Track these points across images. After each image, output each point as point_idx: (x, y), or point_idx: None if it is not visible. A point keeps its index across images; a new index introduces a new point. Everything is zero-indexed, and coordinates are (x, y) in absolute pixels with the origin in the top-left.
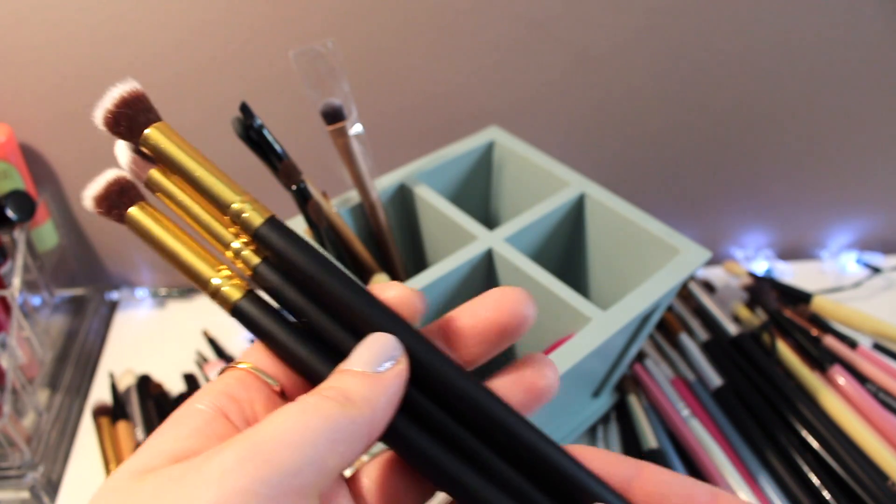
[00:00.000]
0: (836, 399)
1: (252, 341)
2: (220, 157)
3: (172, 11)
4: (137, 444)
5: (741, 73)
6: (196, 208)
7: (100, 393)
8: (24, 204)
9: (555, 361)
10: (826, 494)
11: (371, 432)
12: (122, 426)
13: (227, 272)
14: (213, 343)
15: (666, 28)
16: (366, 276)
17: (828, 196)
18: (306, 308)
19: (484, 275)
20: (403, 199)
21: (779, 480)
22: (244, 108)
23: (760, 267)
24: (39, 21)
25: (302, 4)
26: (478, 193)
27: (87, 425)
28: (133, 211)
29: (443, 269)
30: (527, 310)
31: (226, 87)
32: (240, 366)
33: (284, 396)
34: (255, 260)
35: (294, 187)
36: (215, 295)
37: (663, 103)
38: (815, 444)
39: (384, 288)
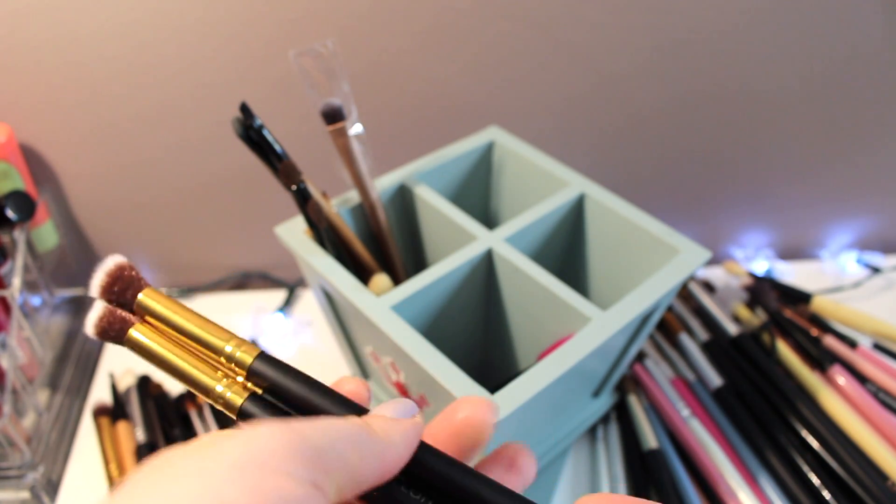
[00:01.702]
0: (836, 399)
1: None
2: (221, 157)
3: (172, 12)
4: (137, 445)
5: (741, 73)
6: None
7: (100, 393)
8: (24, 204)
9: (555, 361)
10: (826, 494)
11: (384, 458)
12: (122, 426)
13: (227, 381)
14: None
15: (666, 28)
16: (366, 276)
17: (828, 196)
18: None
19: (484, 275)
20: (403, 199)
21: (779, 480)
22: (244, 108)
23: (760, 267)
24: (39, 21)
25: (302, 4)
26: (478, 193)
27: (87, 425)
28: (134, 331)
29: (443, 269)
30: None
31: (226, 87)
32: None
33: None
34: (241, 397)
35: (294, 187)
36: (220, 401)
37: (663, 103)
38: (815, 444)
39: (341, 383)
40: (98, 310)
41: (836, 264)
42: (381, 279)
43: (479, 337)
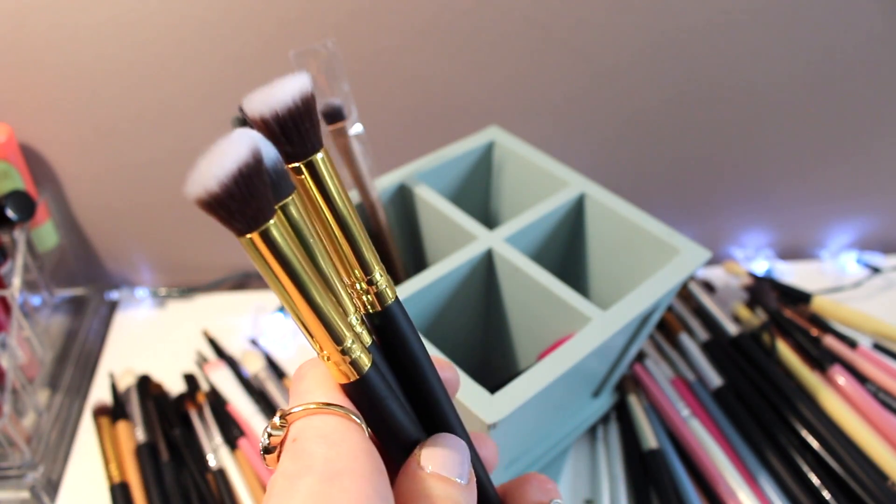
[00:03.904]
0: (836, 399)
1: (254, 343)
2: None
3: (173, 12)
4: (137, 444)
5: (741, 73)
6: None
7: (100, 393)
8: (24, 204)
9: (555, 361)
10: (826, 494)
11: None
12: (122, 426)
13: (356, 328)
14: (212, 343)
15: (666, 28)
16: None
17: (828, 196)
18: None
19: (484, 275)
20: (403, 199)
21: (779, 480)
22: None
23: (760, 267)
24: (39, 21)
25: (302, 4)
26: (478, 193)
27: (87, 425)
28: (274, 227)
29: (443, 269)
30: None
31: (226, 87)
32: (338, 410)
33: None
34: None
35: None
36: (342, 355)
37: (663, 103)
38: (815, 444)
39: (441, 367)
40: (244, 150)
41: (836, 264)
42: None
43: (479, 337)
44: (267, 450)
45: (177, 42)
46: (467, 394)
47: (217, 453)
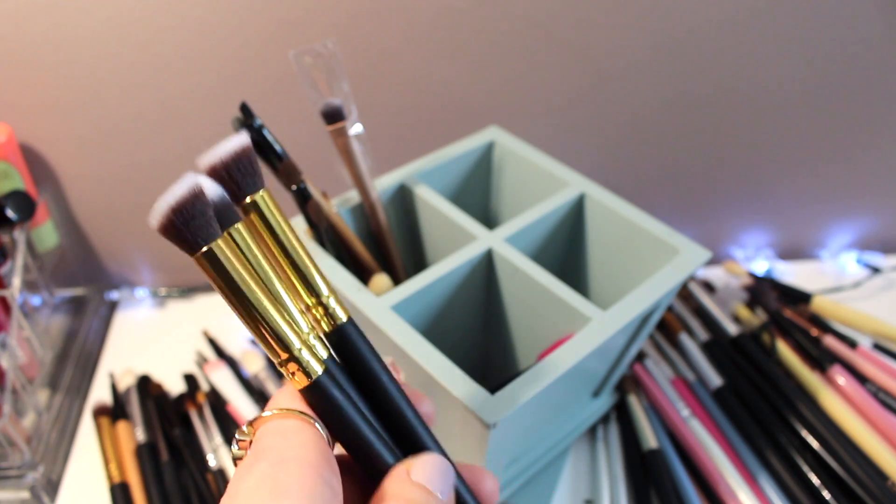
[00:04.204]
0: (836, 399)
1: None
2: None
3: (173, 12)
4: (137, 444)
5: (741, 73)
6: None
7: (100, 393)
8: (24, 204)
9: (555, 361)
10: (826, 494)
11: None
12: (122, 426)
13: (307, 339)
14: (212, 343)
15: (666, 28)
16: (366, 276)
17: (828, 196)
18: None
19: (484, 275)
20: (403, 199)
21: (779, 480)
22: (244, 108)
23: (760, 267)
24: (39, 21)
25: (302, 4)
26: (478, 193)
27: (87, 425)
28: (222, 242)
29: (443, 269)
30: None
31: (226, 87)
32: (296, 414)
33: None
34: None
35: (294, 187)
36: (292, 363)
37: (663, 103)
38: (815, 444)
39: (417, 398)
40: (183, 189)
41: (836, 264)
42: (381, 279)
43: (479, 337)
44: (236, 456)
45: (177, 42)
46: (467, 394)
47: (217, 453)
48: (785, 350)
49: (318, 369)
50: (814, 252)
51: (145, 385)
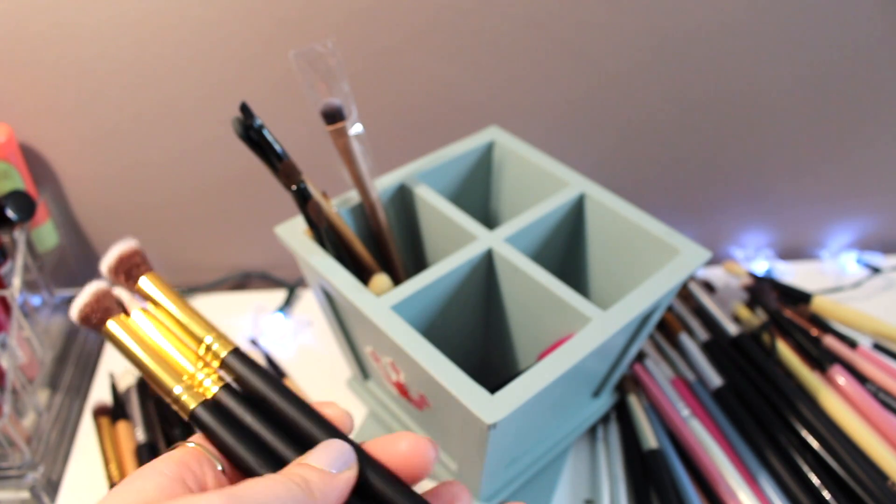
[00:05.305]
0: (836, 399)
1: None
2: (221, 157)
3: (172, 12)
4: (137, 444)
5: (741, 73)
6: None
7: (100, 393)
8: (24, 204)
9: (555, 361)
10: (826, 494)
11: None
12: (122, 426)
13: (189, 383)
14: None
15: (665, 29)
16: (366, 276)
17: (828, 196)
18: (257, 417)
19: (484, 275)
20: (403, 199)
21: (779, 480)
22: (244, 108)
23: (760, 267)
24: (39, 21)
25: (302, 4)
26: (478, 193)
27: (87, 425)
28: (113, 322)
29: (443, 269)
30: (430, 455)
31: (226, 87)
32: (190, 444)
33: (225, 475)
34: (213, 387)
35: (294, 187)
36: (176, 402)
37: (664, 103)
38: (815, 444)
39: (323, 405)
40: (86, 295)
41: (836, 264)
42: (381, 279)
43: (479, 337)
44: None
45: (177, 42)
46: (467, 394)
47: None
48: (785, 350)
49: (191, 404)
50: (814, 252)
51: (145, 385)
